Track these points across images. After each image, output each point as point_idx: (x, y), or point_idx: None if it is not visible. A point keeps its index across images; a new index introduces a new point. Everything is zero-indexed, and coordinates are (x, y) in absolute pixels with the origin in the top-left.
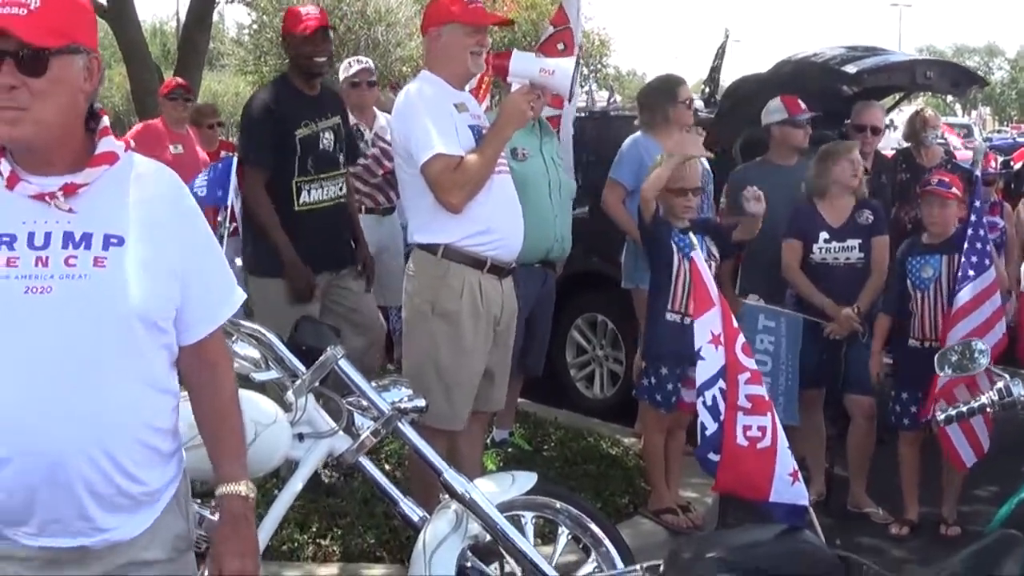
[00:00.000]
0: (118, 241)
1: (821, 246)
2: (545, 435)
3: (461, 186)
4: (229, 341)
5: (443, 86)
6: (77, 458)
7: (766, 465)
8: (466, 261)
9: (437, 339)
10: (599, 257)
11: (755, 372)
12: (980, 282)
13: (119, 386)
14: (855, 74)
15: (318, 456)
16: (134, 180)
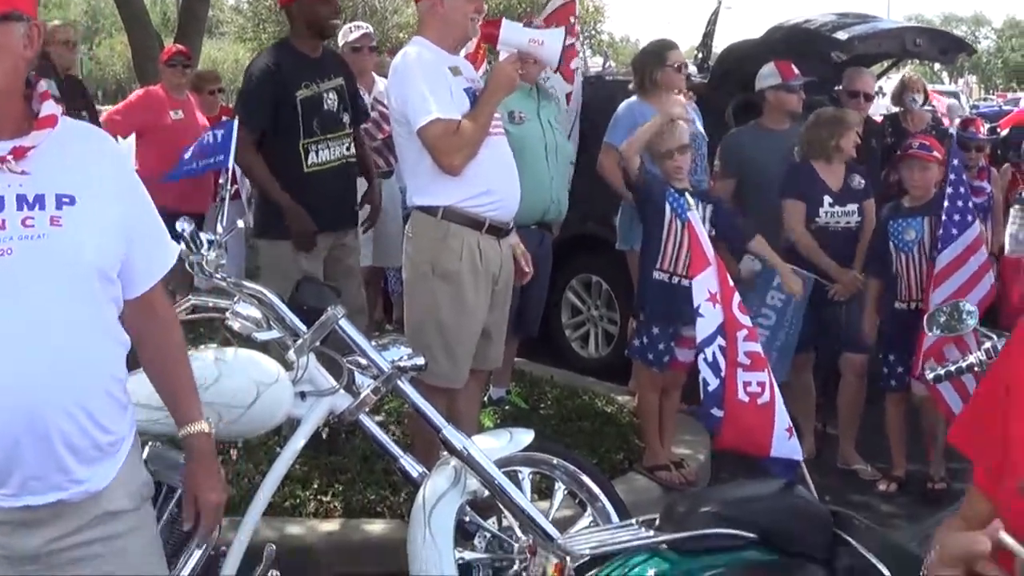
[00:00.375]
0: (70, 200)
1: (826, 210)
2: (541, 393)
3: (459, 149)
4: (231, 302)
5: (438, 51)
6: (55, 411)
7: (766, 420)
8: (465, 222)
9: (438, 299)
10: (594, 220)
11: (752, 329)
12: (964, 240)
13: (86, 339)
14: (846, 40)
15: (319, 414)
16: (72, 141)
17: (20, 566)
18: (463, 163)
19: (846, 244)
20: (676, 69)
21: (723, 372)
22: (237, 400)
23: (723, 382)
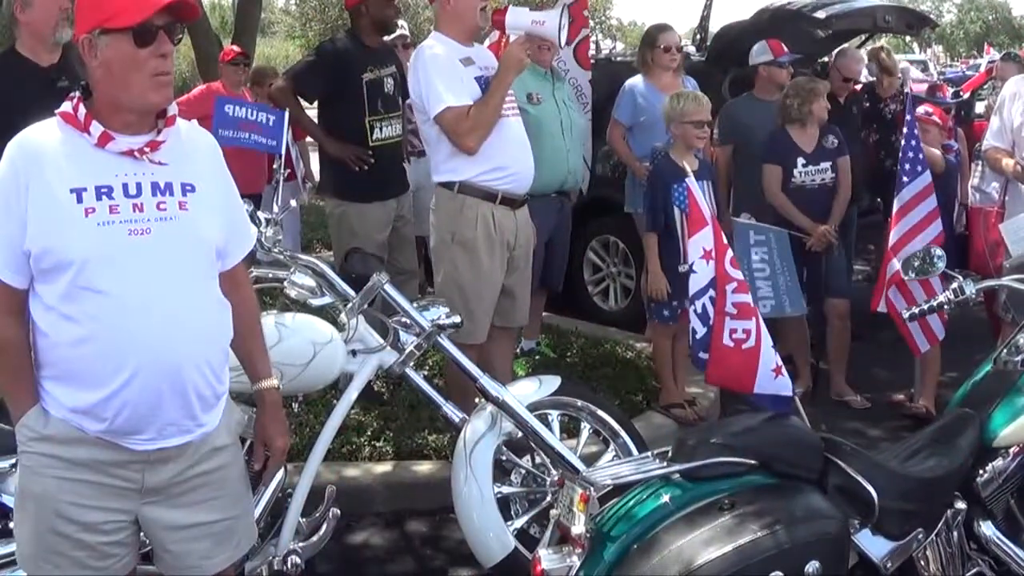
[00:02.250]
0: (191, 188)
1: (800, 170)
2: (567, 343)
3: (472, 130)
4: (288, 272)
5: (451, 44)
6: (190, 368)
7: (750, 361)
8: (479, 195)
9: (457, 264)
10: (609, 185)
11: (741, 282)
12: (914, 186)
13: (210, 306)
14: (824, 19)
15: (370, 369)
16: (186, 137)
17: (147, 496)
18: (478, 143)
19: (823, 199)
20: (665, 50)
21: (711, 321)
22: (296, 359)
23: (710, 329)
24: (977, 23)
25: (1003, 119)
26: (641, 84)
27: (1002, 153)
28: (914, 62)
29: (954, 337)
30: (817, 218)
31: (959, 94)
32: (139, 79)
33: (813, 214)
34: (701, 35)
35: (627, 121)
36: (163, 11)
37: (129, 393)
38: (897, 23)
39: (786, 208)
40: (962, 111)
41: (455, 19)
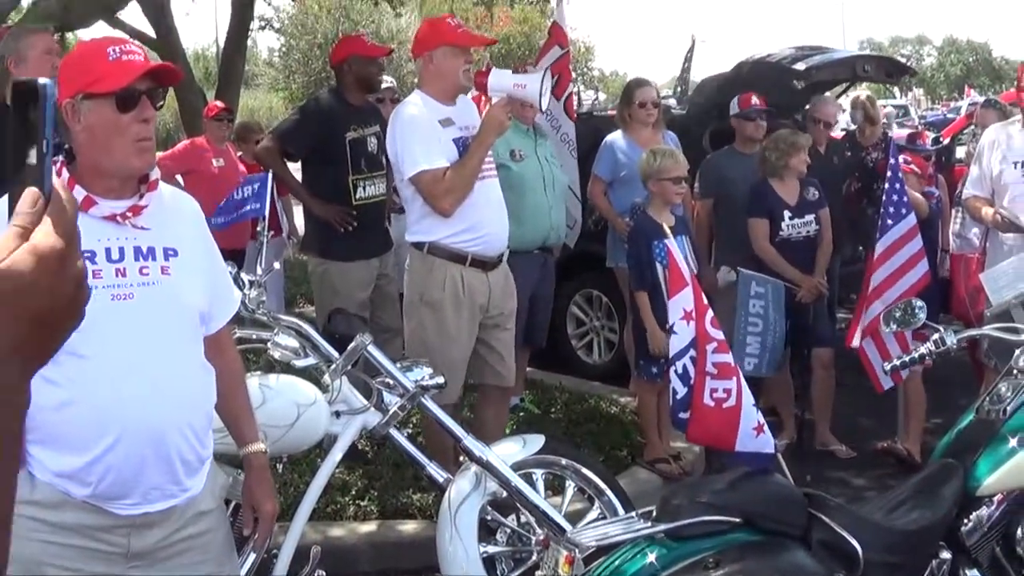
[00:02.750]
0: (174, 252)
1: (787, 223)
2: (552, 399)
3: (448, 192)
4: (271, 334)
5: (432, 104)
6: (174, 432)
7: (731, 420)
8: (448, 256)
9: (424, 324)
10: (592, 240)
11: (721, 342)
12: (899, 229)
13: (193, 370)
14: (804, 70)
15: (354, 430)
16: (168, 201)
17: (133, 561)
18: (453, 205)
19: (808, 251)
20: (641, 106)
21: (692, 381)
22: (280, 421)
23: (691, 389)
24: (957, 65)
25: (982, 167)
26: (621, 139)
27: (981, 201)
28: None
29: (938, 382)
30: (803, 270)
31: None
32: (121, 144)
33: (799, 266)
34: (682, 88)
35: (607, 176)
36: (146, 76)
37: (113, 458)
38: (876, 72)
39: (776, 261)
40: (942, 157)
41: (438, 78)
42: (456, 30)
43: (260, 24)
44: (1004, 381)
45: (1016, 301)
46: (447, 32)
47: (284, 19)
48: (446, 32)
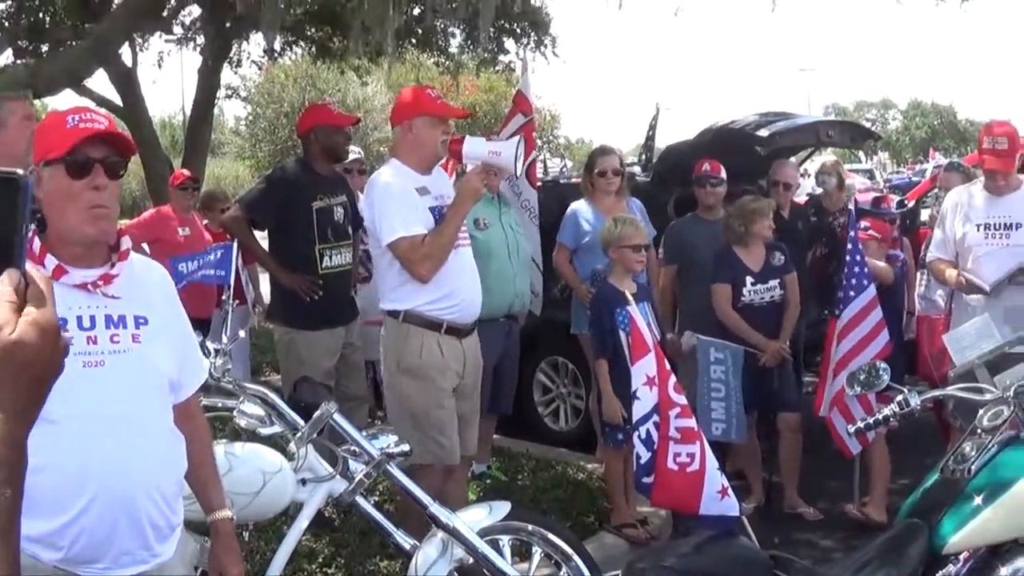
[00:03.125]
0: (144, 321)
1: (749, 289)
2: (519, 466)
3: (426, 258)
4: (237, 402)
5: (409, 172)
6: (145, 498)
7: (695, 484)
8: (423, 324)
9: (406, 391)
10: (558, 307)
11: (684, 407)
12: (860, 300)
13: (163, 437)
14: (767, 136)
15: (319, 498)
16: (139, 270)
17: None
18: (431, 272)
19: (772, 316)
20: (600, 175)
21: (655, 446)
22: (246, 488)
23: (655, 454)
24: (923, 128)
25: (946, 231)
26: (585, 207)
27: (945, 264)
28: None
29: (905, 443)
30: (768, 334)
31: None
32: (74, 211)
33: (764, 330)
34: (646, 155)
35: (571, 244)
36: (99, 144)
37: (86, 521)
38: (840, 137)
39: (739, 326)
40: (907, 220)
41: (415, 148)
42: (436, 101)
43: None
44: (968, 440)
45: (979, 361)
46: (427, 102)
47: (251, 88)
48: (426, 102)
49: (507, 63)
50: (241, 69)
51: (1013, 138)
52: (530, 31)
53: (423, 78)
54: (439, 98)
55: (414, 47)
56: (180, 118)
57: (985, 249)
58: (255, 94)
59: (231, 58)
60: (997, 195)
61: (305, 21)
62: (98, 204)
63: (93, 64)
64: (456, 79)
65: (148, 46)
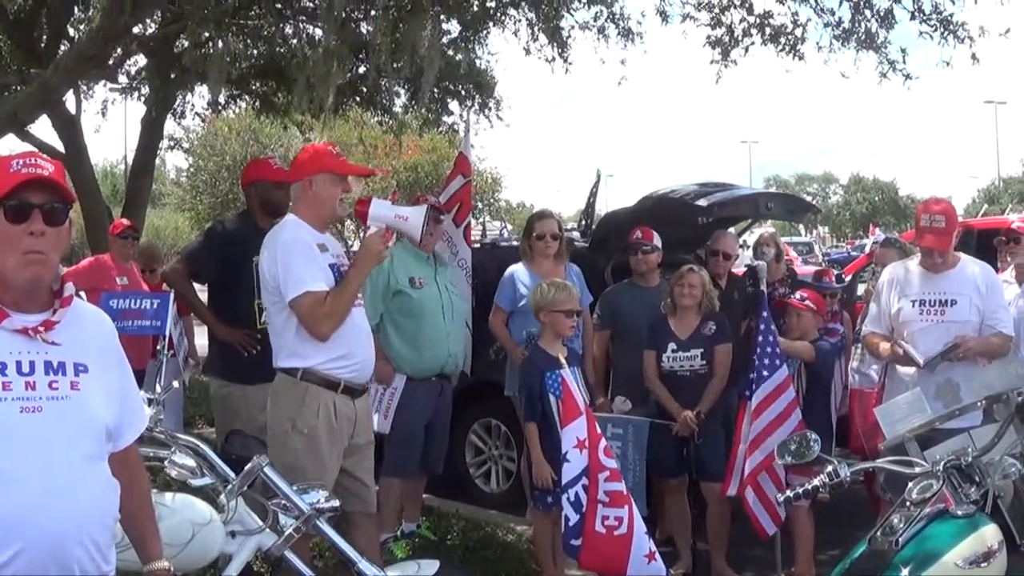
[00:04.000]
0: (84, 368)
1: (669, 355)
2: (448, 526)
3: (328, 317)
4: (169, 452)
5: (308, 229)
6: (77, 546)
7: (622, 548)
8: (322, 383)
9: (298, 453)
10: (492, 369)
11: (614, 471)
12: (773, 380)
13: (96, 484)
14: (707, 206)
15: (249, 550)
16: (81, 317)
17: None
18: (331, 330)
19: (694, 385)
20: (539, 238)
21: (584, 508)
22: (175, 539)
23: (583, 516)
24: (863, 204)
25: (881, 305)
26: (522, 270)
27: (879, 337)
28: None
29: (835, 516)
30: (690, 404)
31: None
32: (11, 255)
33: (685, 400)
34: (586, 221)
35: (507, 307)
36: (39, 190)
37: (16, 567)
38: (779, 209)
39: (659, 392)
40: (843, 294)
41: (315, 205)
42: (336, 158)
43: (169, 143)
44: (897, 513)
45: (910, 435)
46: (328, 160)
47: (193, 139)
48: (328, 159)
49: (450, 124)
50: (184, 120)
51: (951, 216)
52: (474, 93)
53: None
54: (340, 155)
55: (358, 104)
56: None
57: (920, 325)
58: (197, 146)
59: (175, 109)
60: (933, 272)
61: (250, 75)
62: (34, 250)
63: (37, 110)
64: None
65: (93, 94)
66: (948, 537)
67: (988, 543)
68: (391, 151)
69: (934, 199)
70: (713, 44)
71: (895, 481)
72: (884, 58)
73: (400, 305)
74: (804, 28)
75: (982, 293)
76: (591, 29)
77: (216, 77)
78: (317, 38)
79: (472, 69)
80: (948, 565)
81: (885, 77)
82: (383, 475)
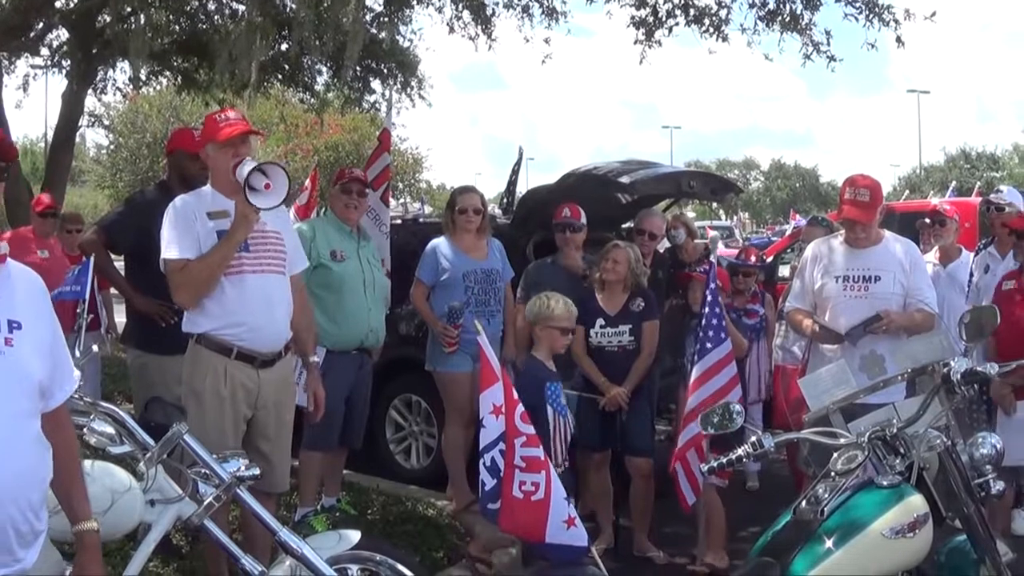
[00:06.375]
0: (18, 325)
1: (597, 331)
2: (369, 501)
3: (183, 285)
4: (87, 419)
5: (207, 196)
6: (8, 502)
7: (540, 513)
8: (213, 347)
9: (192, 416)
10: (413, 344)
11: (531, 436)
12: (717, 353)
13: (32, 444)
14: (628, 184)
15: (168, 519)
16: (12, 276)
17: None
18: (189, 298)
19: (622, 361)
20: (461, 212)
21: (501, 473)
22: (95, 507)
23: (500, 481)
24: (784, 190)
25: (804, 281)
26: (444, 244)
27: (802, 314)
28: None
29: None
30: (616, 379)
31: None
32: None
33: (612, 375)
34: (507, 199)
35: (429, 281)
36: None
37: None
38: (701, 189)
39: (586, 366)
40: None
41: (215, 173)
42: (220, 125)
43: (90, 120)
44: (822, 483)
45: (834, 407)
46: (211, 128)
47: (114, 116)
48: (210, 128)
49: (372, 103)
50: (106, 96)
51: (875, 191)
52: (397, 72)
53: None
54: (226, 122)
55: (280, 82)
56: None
57: (843, 300)
58: (118, 123)
59: (96, 84)
60: (857, 248)
61: (172, 51)
62: None
63: None
64: (320, 117)
65: (14, 68)
66: (873, 507)
67: (914, 513)
68: (312, 130)
69: (860, 175)
70: (637, 24)
71: (819, 453)
72: (808, 39)
73: (321, 278)
74: (729, 9)
75: (906, 270)
76: (515, 8)
77: (138, 51)
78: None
79: (395, 47)
80: (874, 535)
81: (809, 59)
82: (303, 448)
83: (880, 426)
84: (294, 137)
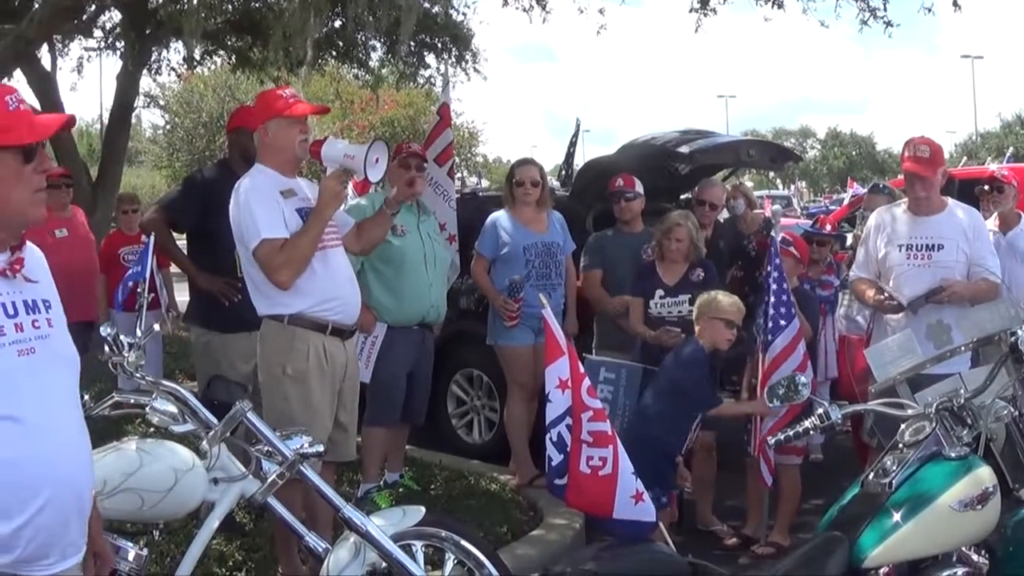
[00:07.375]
0: (49, 304)
1: (657, 302)
2: (431, 476)
3: (285, 265)
4: (150, 398)
5: (272, 176)
6: (86, 485)
7: (608, 488)
8: (310, 326)
9: (289, 398)
10: (473, 318)
11: (598, 411)
12: (790, 331)
13: (82, 423)
14: (688, 154)
15: (232, 497)
16: (30, 256)
17: None
18: (291, 277)
19: (684, 331)
20: (519, 184)
21: (568, 448)
22: (157, 486)
23: (567, 456)
24: (841, 158)
25: (868, 250)
26: (504, 217)
27: (866, 283)
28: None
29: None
30: None
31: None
32: (24, 192)
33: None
34: (565, 171)
35: (489, 255)
36: None
37: (42, 520)
38: (760, 157)
39: (642, 332)
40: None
41: (274, 151)
42: (287, 101)
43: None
44: (889, 455)
45: (901, 377)
46: (278, 103)
47: (169, 97)
48: (276, 104)
49: (427, 78)
50: (160, 77)
51: (936, 150)
52: (451, 46)
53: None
54: (292, 98)
55: (334, 59)
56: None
57: (906, 270)
58: (173, 103)
59: (150, 65)
60: (920, 215)
61: (226, 30)
62: (42, 187)
63: (11, 64)
64: (375, 93)
65: (68, 51)
66: (941, 479)
67: (983, 485)
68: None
69: (921, 137)
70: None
71: (886, 424)
72: (865, 4)
73: (382, 253)
74: None
75: (969, 238)
76: None
77: (191, 31)
78: None
79: (449, 21)
80: (942, 508)
81: (866, 24)
82: (365, 425)
83: (947, 396)
84: (349, 114)
